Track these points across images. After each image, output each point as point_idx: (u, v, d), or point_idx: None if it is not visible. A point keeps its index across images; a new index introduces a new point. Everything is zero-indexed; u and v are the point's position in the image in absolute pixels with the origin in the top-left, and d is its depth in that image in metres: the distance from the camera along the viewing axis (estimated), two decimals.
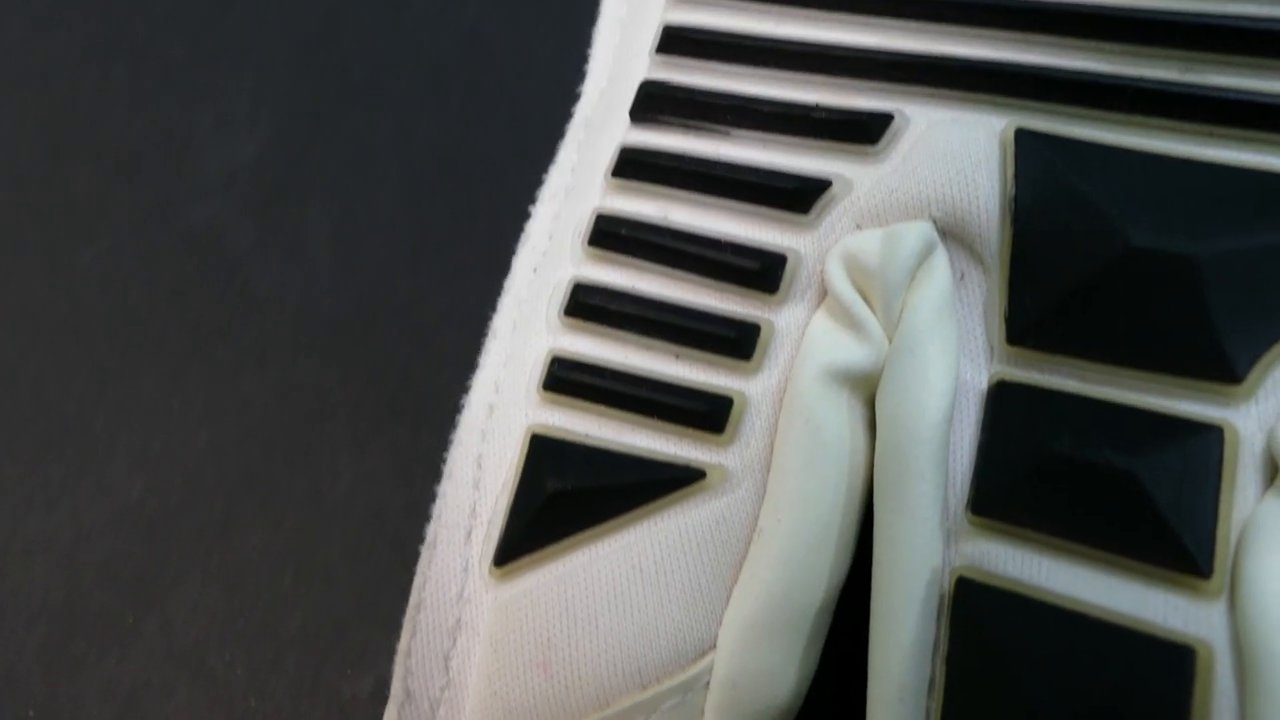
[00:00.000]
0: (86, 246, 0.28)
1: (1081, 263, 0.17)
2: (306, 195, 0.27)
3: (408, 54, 0.28)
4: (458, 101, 0.28)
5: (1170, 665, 0.15)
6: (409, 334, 0.26)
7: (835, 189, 0.19)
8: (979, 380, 0.17)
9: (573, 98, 0.22)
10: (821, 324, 0.19)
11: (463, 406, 0.20)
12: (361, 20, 0.29)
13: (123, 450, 0.26)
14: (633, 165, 0.20)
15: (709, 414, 0.18)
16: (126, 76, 0.30)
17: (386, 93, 0.28)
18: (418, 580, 0.19)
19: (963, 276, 0.18)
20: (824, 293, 0.19)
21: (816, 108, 0.19)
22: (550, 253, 0.21)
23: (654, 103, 0.20)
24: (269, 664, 0.24)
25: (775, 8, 0.20)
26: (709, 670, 0.18)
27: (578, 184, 0.21)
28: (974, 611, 0.16)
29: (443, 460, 0.20)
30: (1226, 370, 0.16)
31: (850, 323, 0.18)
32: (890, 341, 0.18)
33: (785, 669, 0.18)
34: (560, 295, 0.20)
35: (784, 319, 0.19)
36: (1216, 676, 0.15)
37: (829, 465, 0.18)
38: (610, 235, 0.19)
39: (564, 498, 0.19)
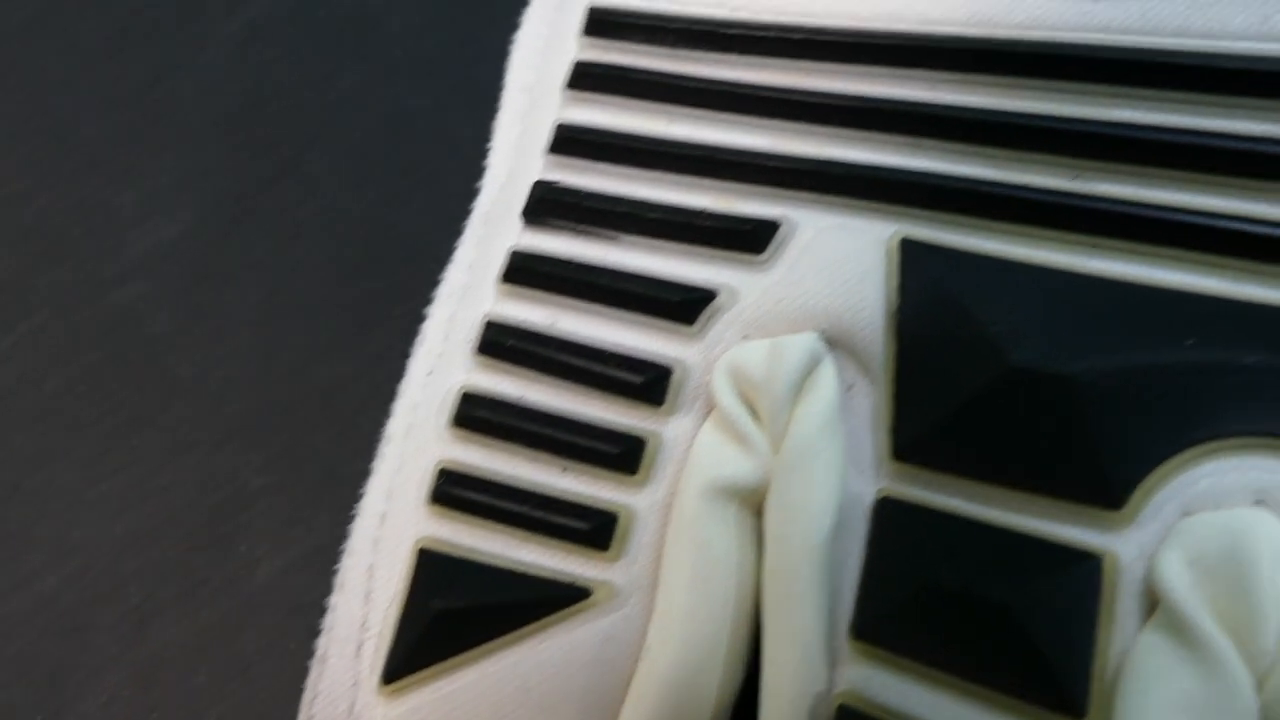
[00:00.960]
0: (6, 333, 0.27)
1: (964, 379, 0.17)
2: (230, 277, 0.27)
3: (334, 134, 0.28)
4: (383, 182, 0.27)
5: None
6: (331, 420, 0.26)
7: (721, 299, 0.18)
8: (867, 494, 0.17)
9: None
10: (708, 437, 0.18)
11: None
12: (287, 99, 0.29)
13: (40, 541, 0.25)
14: (522, 271, 0.20)
15: (594, 531, 0.18)
16: (49, 156, 0.29)
17: (312, 173, 0.28)
18: (307, 695, 0.19)
19: (851, 387, 0.18)
20: (712, 404, 0.18)
21: (703, 214, 0.19)
22: (445, 355, 0.20)
23: (545, 206, 0.20)
24: None
25: (668, 107, 0.20)
26: None
27: (473, 283, 0.21)
28: None
29: None
30: (1107, 495, 0.16)
31: (736, 436, 0.18)
32: (777, 454, 0.17)
33: None
34: (450, 403, 0.20)
35: (671, 430, 0.18)
36: None
37: (716, 582, 0.18)
38: (498, 344, 0.19)
39: (450, 616, 0.18)
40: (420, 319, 0.22)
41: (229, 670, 0.24)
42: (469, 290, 0.21)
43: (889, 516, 0.17)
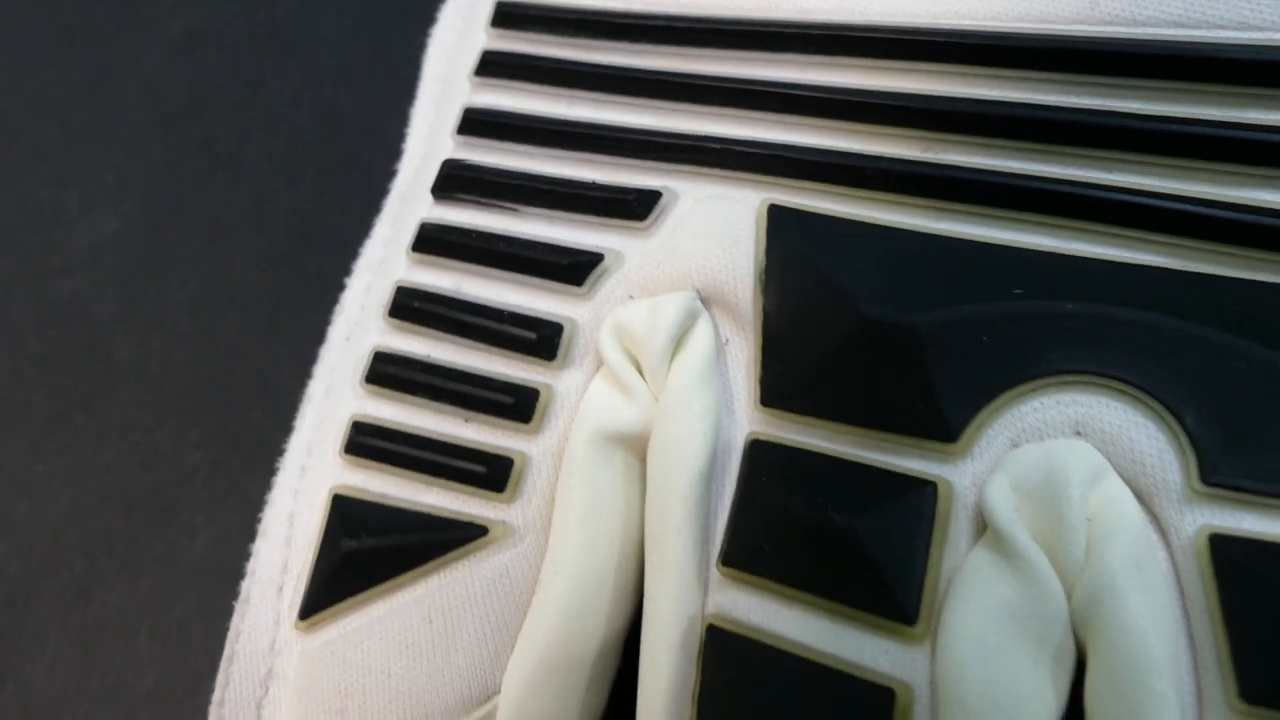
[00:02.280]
0: None
1: (820, 331, 0.18)
2: (169, 267, 0.29)
3: (267, 132, 0.30)
4: (313, 176, 0.29)
5: (874, 706, 0.16)
6: (264, 399, 0.27)
7: (608, 262, 0.20)
8: (740, 437, 0.19)
9: None
10: (597, 388, 0.20)
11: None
12: (223, 100, 0.30)
13: None
14: (430, 241, 0.21)
15: (492, 474, 0.20)
16: None
17: (246, 168, 0.30)
18: (231, 634, 0.21)
19: (728, 342, 0.20)
20: (601, 358, 0.20)
21: (594, 186, 0.21)
22: (361, 322, 0.22)
23: (453, 181, 0.22)
24: None
25: (567, 91, 0.22)
26: (493, 714, 0.19)
27: (388, 256, 0.22)
28: (720, 656, 0.18)
29: None
30: (943, 431, 0.17)
31: (621, 387, 0.19)
32: (658, 403, 0.19)
33: (564, 713, 0.19)
34: (365, 363, 0.21)
35: (564, 383, 0.20)
36: (914, 716, 0.16)
37: (603, 521, 0.19)
38: (407, 307, 0.21)
39: (360, 555, 0.20)
40: None
41: (167, 633, 0.26)
42: (384, 262, 0.22)
43: (756, 456, 0.18)
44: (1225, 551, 0.15)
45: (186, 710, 0.25)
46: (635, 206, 0.20)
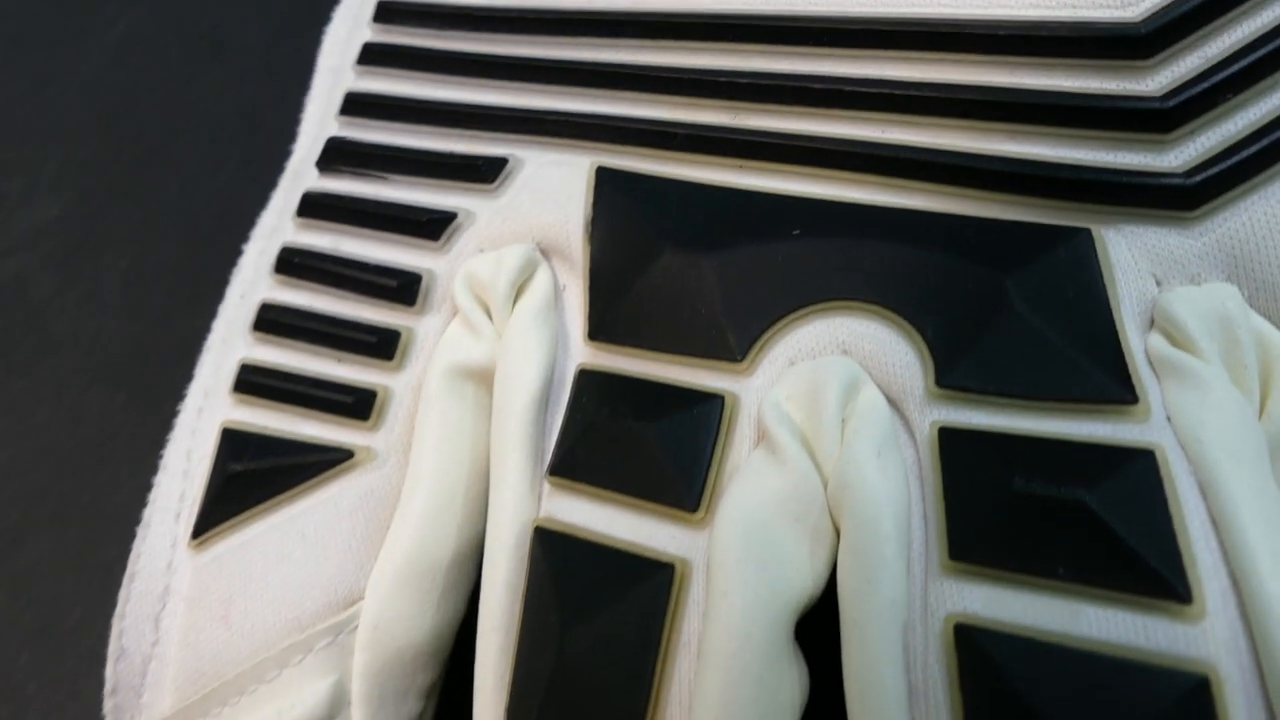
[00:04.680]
0: None
1: (635, 272, 0.21)
2: (102, 248, 0.32)
3: (194, 126, 0.33)
4: (234, 166, 0.32)
5: (656, 578, 0.19)
6: (186, 365, 0.30)
7: (461, 220, 0.23)
8: (572, 369, 0.22)
9: None
10: (451, 330, 0.23)
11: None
12: (156, 98, 0.34)
13: None
14: (312, 206, 0.24)
15: (357, 404, 0.23)
16: None
17: (175, 159, 0.33)
18: (132, 556, 0.23)
19: (565, 288, 0.23)
20: (455, 304, 0.23)
21: (451, 155, 0.24)
22: (254, 281, 0.25)
23: (333, 155, 0.25)
24: (49, 654, 0.28)
25: (433, 75, 0.25)
26: (358, 615, 0.22)
27: (279, 225, 0.25)
28: (542, 553, 0.20)
29: None
30: (730, 352, 0.20)
31: (471, 328, 0.22)
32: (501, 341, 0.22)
33: (421, 614, 0.22)
34: (255, 314, 0.24)
35: (424, 326, 0.23)
36: (692, 587, 0.19)
37: (455, 444, 0.22)
38: (290, 263, 0.24)
39: (244, 478, 0.23)
40: None
41: (92, 575, 0.28)
42: (276, 230, 0.25)
43: (582, 382, 0.21)
44: (949, 440, 0.18)
45: (107, 643, 0.28)
46: (484, 171, 0.23)
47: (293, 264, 0.23)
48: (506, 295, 0.22)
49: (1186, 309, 0.18)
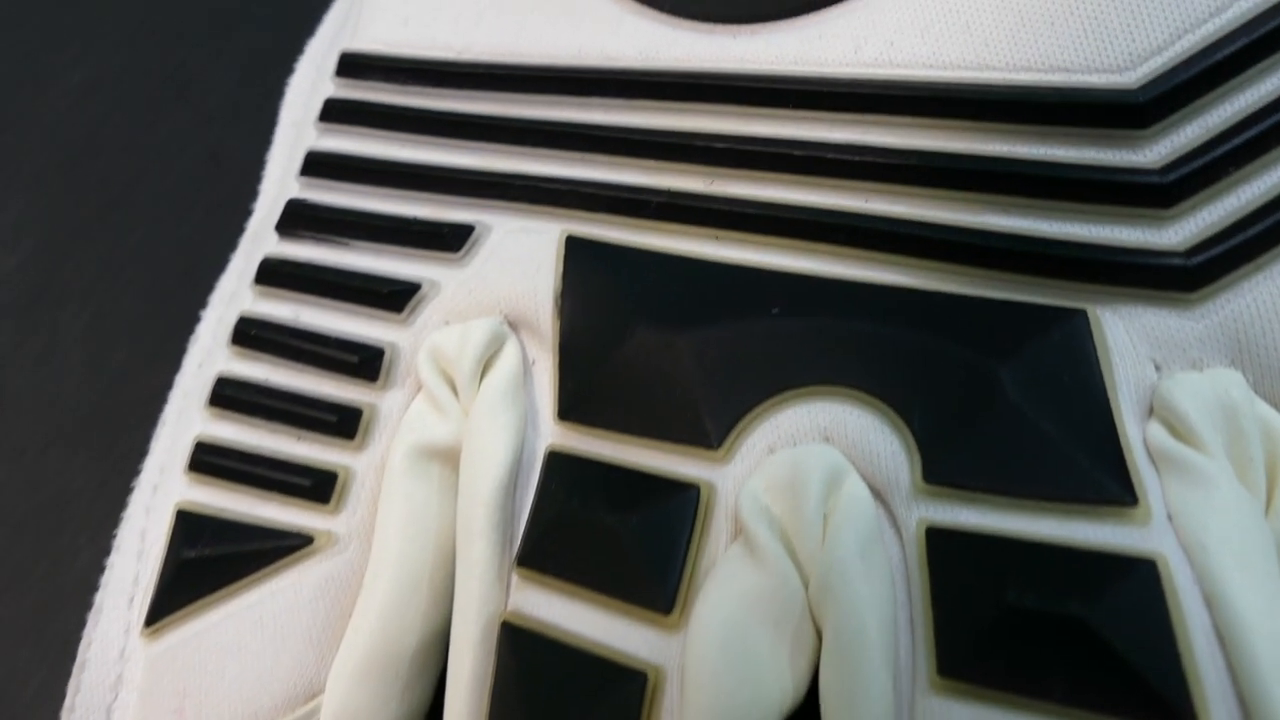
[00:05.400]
0: None
1: (607, 348, 0.20)
2: (62, 299, 0.31)
3: (157, 173, 0.32)
4: (200, 215, 0.31)
5: (628, 687, 0.18)
6: (148, 425, 0.29)
7: (425, 291, 0.22)
8: (542, 449, 0.21)
9: None
10: (416, 407, 0.22)
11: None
12: (118, 143, 0.32)
13: None
14: (271, 274, 0.23)
15: (317, 487, 0.21)
16: None
17: (137, 208, 0.31)
18: (83, 643, 0.22)
19: (534, 362, 0.21)
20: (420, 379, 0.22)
21: (415, 221, 0.23)
22: (212, 350, 0.24)
23: (293, 219, 0.24)
24: None
25: (398, 134, 0.24)
26: (318, 710, 0.21)
27: (238, 290, 0.24)
28: (509, 649, 0.19)
29: None
30: (707, 438, 0.19)
31: (436, 405, 0.21)
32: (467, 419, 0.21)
33: (384, 707, 0.21)
34: (211, 387, 0.23)
35: (387, 403, 0.22)
36: (665, 697, 0.18)
37: (419, 528, 0.21)
38: (247, 335, 0.23)
39: (199, 564, 0.22)
40: None
41: (50, 645, 0.27)
42: (234, 295, 0.24)
43: (551, 465, 0.20)
44: (937, 542, 0.17)
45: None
46: (450, 239, 0.22)
47: (250, 336, 0.22)
48: (473, 371, 0.21)
49: (1188, 397, 0.17)
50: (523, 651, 0.19)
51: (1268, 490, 0.17)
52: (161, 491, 0.23)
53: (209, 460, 0.22)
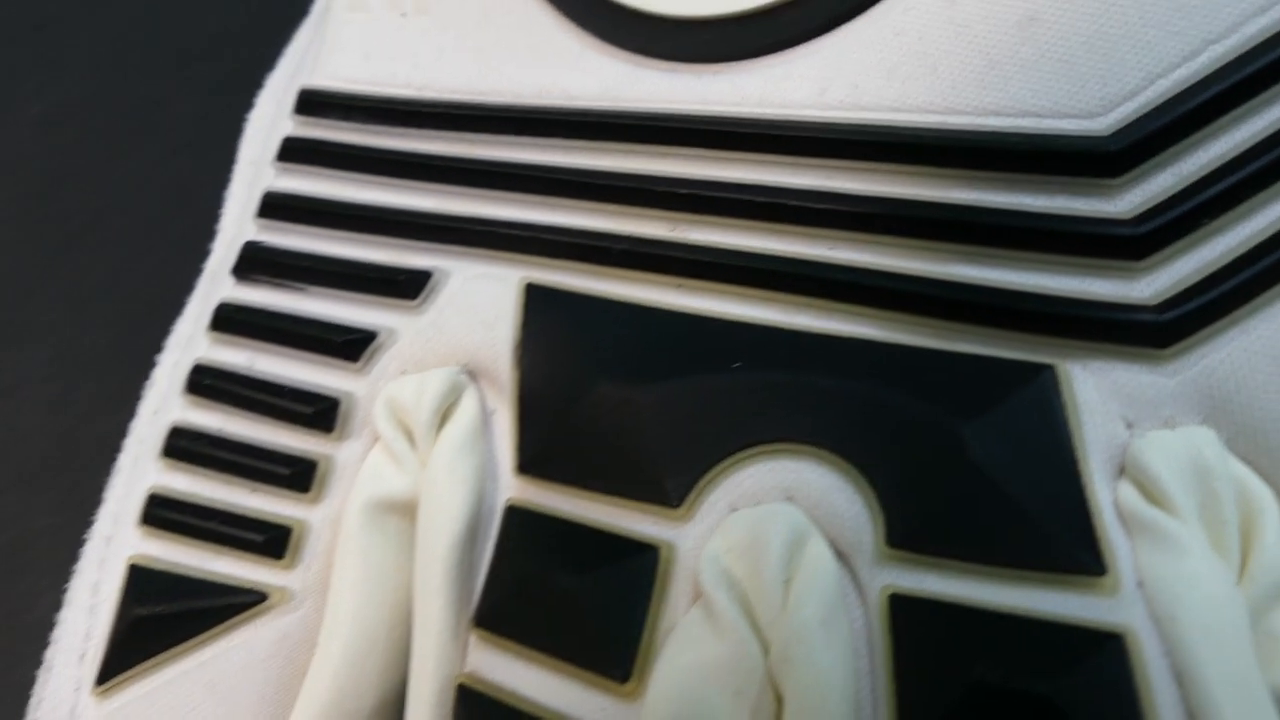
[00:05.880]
0: None
1: (567, 401, 0.20)
2: (23, 338, 0.30)
3: (122, 207, 0.31)
4: (165, 251, 0.30)
5: None
6: (111, 466, 0.29)
7: (382, 339, 0.21)
8: (501, 503, 0.20)
9: None
10: (373, 458, 0.21)
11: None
12: (82, 176, 0.32)
13: None
14: (226, 320, 0.23)
15: (270, 542, 0.21)
16: None
17: (100, 242, 0.31)
18: (33, 701, 0.22)
19: (494, 412, 0.21)
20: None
21: (373, 267, 0.22)
22: (168, 396, 0.23)
23: (249, 263, 0.23)
24: None
25: (357, 175, 0.23)
26: None
27: (195, 333, 0.23)
28: (464, 714, 0.19)
29: None
30: (667, 497, 0.18)
31: (393, 458, 0.21)
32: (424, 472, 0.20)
33: None
34: (164, 438, 0.22)
35: (344, 454, 0.21)
36: None
37: (376, 585, 0.20)
38: (201, 384, 0.22)
39: (151, 622, 0.21)
40: None
41: (5, 693, 0.26)
42: (191, 339, 0.23)
43: (510, 521, 0.20)
44: (900, 609, 0.17)
45: None
46: (406, 286, 0.21)
47: (203, 385, 0.22)
48: (430, 422, 0.20)
49: (1160, 458, 0.16)
50: (478, 717, 0.19)
51: (1242, 553, 0.16)
52: (115, 543, 0.22)
53: (161, 514, 0.22)
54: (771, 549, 0.17)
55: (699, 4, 0.21)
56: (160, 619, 0.21)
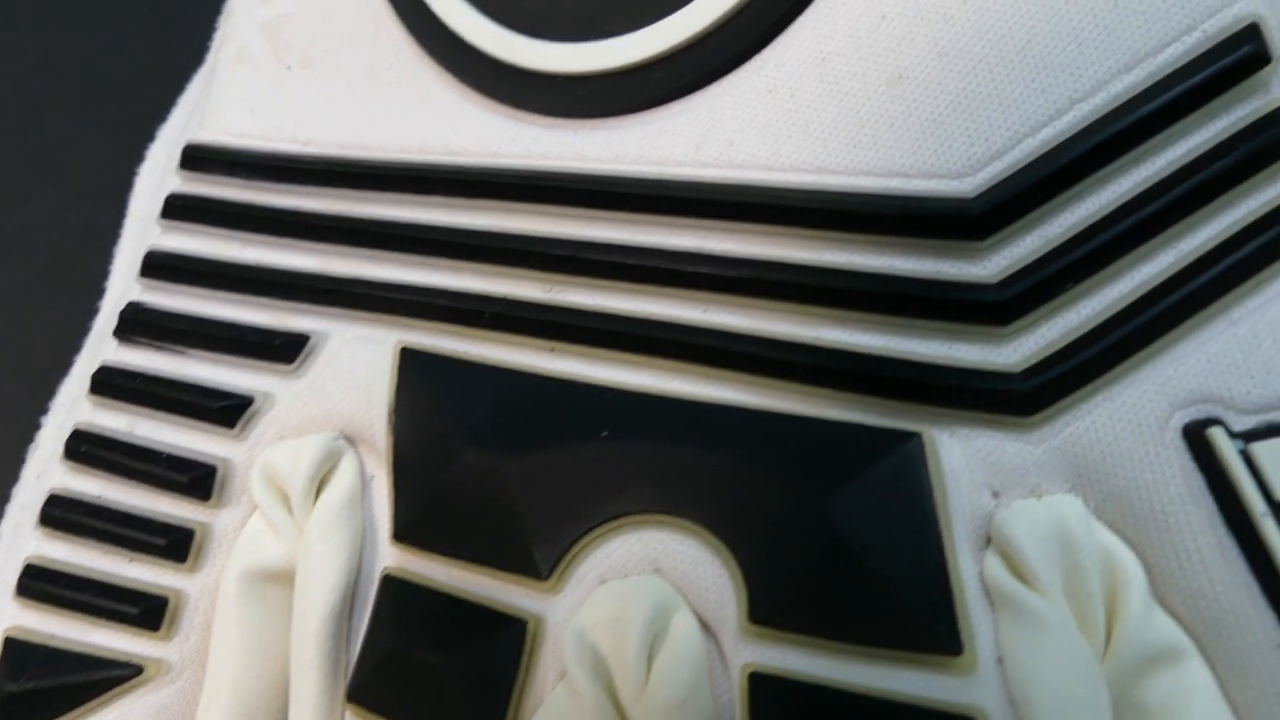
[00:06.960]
0: None
1: (438, 469, 0.19)
2: None
3: (28, 251, 0.31)
4: (70, 297, 0.30)
5: None
6: None
7: (258, 404, 0.21)
8: (379, 571, 0.20)
9: None
10: (251, 526, 0.21)
11: None
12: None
13: None
14: (105, 385, 0.22)
15: (145, 614, 0.20)
16: None
17: (6, 289, 0.30)
18: None
19: (372, 478, 0.20)
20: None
21: (251, 329, 0.22)
22: (51, 460, 0.23)
23: (129, 325, 0.23)
24: None
25: (240, 233, 0.23)
26: None
27: (80, 394, 0.23)
28: None
29: None
30: (535, 569, 0.18)
31: (271, 525, 0.20)
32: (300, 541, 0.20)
33: None
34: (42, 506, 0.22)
35: (222, 521, 0.21)
36: None
37: (253, 655, 0.20)
38: (78, 450, 0.22)
39: (22, 697, 0.21)
40: None
41: None
42: (77, 400, 0.23)
43: (385, 592, 0.19)
44: (759, 689, 0.16)
45: None
46: (283, 350, 0.21)
47: (81, 452, 0.21)
48: (306, 490, 0.20)
49: (1024, 530, 0.16)
50: None
51: (1107, 624, 0.16)
52: None
53: (37, 585, 0.21)
54: (635, 625, 0.17)
55: (577, 59, 0.21)
56: (34, 694, 0.20)
